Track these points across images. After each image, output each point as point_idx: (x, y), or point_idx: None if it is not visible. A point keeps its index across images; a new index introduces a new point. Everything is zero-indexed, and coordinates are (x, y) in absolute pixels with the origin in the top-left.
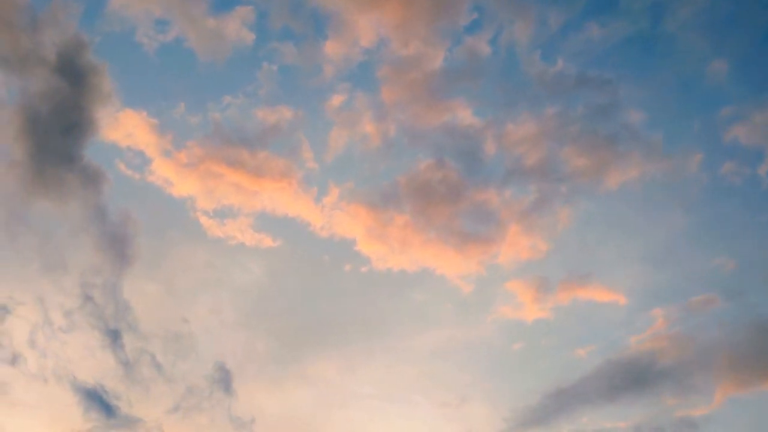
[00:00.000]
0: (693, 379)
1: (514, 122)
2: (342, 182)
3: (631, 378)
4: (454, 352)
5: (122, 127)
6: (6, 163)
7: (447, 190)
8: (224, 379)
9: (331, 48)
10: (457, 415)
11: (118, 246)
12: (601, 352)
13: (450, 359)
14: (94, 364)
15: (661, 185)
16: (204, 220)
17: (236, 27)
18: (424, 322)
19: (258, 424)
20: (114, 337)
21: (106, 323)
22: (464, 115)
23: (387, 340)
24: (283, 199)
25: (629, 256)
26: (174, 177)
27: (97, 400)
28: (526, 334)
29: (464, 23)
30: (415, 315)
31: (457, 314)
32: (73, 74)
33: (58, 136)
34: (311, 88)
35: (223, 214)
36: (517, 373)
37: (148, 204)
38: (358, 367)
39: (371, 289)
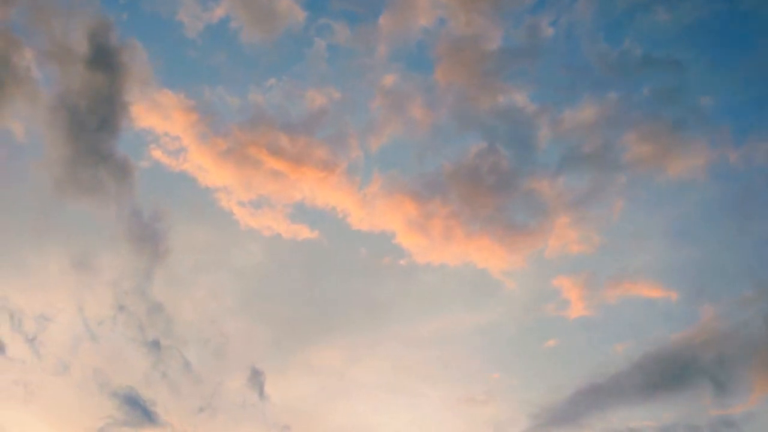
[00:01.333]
0: (733, 376)
1: (572, 107)
2: (386, 170)
3: (670, 375)
4: (482, 348)
5: (158, 111)
6: (41, 157)
7: (496, 178)
8: (258, 382)
9: (387, 26)
10: (479, 411)
11: (150, 241)
12: (640, 349)
13: (477, 355)
14: (125, 362)
15: (727, 176)
16: (238, 210)
17: (287, 5)
18: (456, 317)
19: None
20: (146, 336)
21: (139, 324)
22: (520, 98)
23: (412, 332)
24: (323, 188)
25: (684, 250)
26: (209, 164)
27: (132, 402)
28: (565, 330)
29: (528, 2)
30: (450, 309)
31: (493, 309)
32: (105, 57)
33: (93, 125)
34: (362, 69)
35: (259, 203)
36: (549, 369)
37: (181, 192)
38: (377, 357)
39: (411, 282)
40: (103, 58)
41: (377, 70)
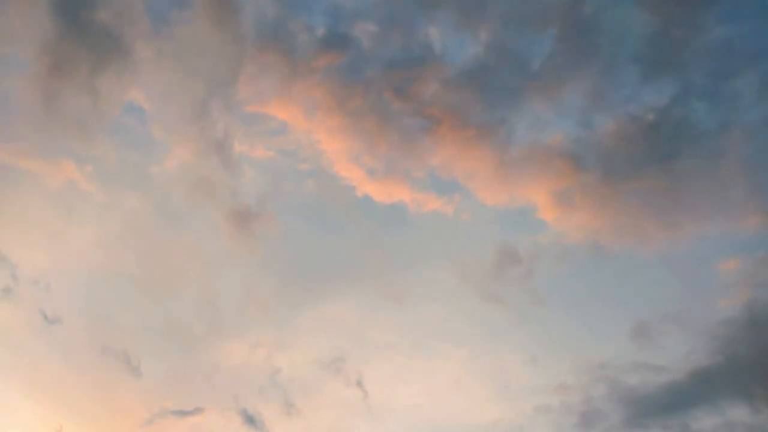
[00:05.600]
0: None
1: None
2: (541, 130)
3: None
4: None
5: (280, 53)
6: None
7: (675, 139)
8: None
9: None
10: (570, 397)
11: (254, 223)
12: None
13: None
14: None
15: None
16: (356, 175)
17: None
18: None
19: None
20: None
21: None
22: (731, 36)
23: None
24: (463, 151)
25: None
26: (334, 119)
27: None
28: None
29: None
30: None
31: (625, 294)
32: None
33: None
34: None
35: (385, 169)
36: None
37: (296, 155)
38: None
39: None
40: None
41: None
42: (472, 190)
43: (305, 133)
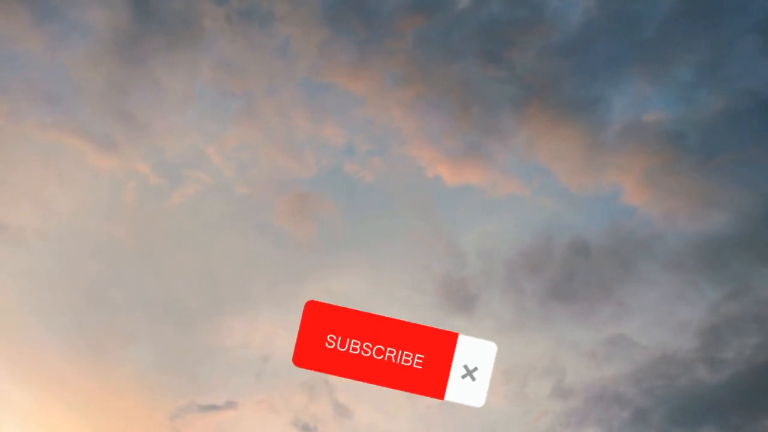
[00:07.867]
0: None
1: None
2: (642, 107)
3: None
4: None
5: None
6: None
7: None
8: None
9: None
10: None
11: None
12: None
13: None
14: None
15: None
16: (432, 154)
17: None
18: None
19: None
20: None
21: None
22: None
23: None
24: (550, 133)
25: None
26: (412, 96)
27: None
28: None
29: None
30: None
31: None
32: None
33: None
34: None
35: (463, 149)
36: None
37: (360, 136)
38: None
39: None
40: None
41: None
42: (554, 172)
43: (379, 108)
